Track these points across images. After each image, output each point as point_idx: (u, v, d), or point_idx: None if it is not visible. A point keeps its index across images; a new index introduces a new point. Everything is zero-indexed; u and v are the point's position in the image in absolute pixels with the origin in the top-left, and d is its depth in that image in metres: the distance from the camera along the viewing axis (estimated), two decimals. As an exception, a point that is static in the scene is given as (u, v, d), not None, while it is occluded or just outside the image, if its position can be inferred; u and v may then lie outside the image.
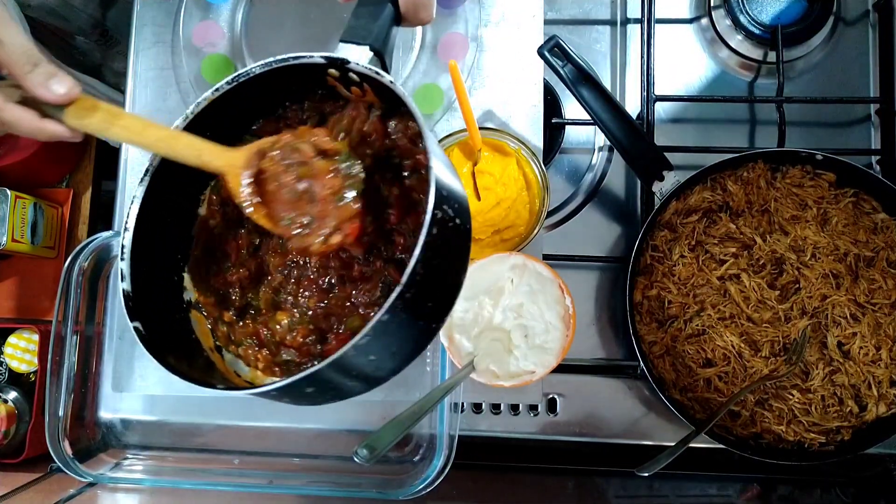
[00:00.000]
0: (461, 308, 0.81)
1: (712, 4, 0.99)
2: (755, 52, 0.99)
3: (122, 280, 0.57)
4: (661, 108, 0.98)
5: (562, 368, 0.81)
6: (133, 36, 1.02)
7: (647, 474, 0.74)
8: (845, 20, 0.99)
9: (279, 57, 0.60)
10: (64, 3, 1.08)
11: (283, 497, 0.89)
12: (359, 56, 0.59)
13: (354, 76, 0.58)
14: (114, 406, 0.95)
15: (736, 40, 0.99)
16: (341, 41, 0.61)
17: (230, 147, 0.60)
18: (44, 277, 1.09)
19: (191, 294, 0.64)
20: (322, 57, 0.58)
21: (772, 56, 0.97)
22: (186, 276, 0.65)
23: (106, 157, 1.30)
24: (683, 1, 1.03)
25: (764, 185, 0.88)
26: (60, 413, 0.88)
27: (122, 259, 0.58)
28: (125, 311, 0.57)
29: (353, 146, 0.61)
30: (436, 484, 0.81)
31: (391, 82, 0.55)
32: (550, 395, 0.92)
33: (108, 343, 0.95)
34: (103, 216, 1.07)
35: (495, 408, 0.92)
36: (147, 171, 0.60)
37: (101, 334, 0.95)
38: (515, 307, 0.81)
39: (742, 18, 0.97)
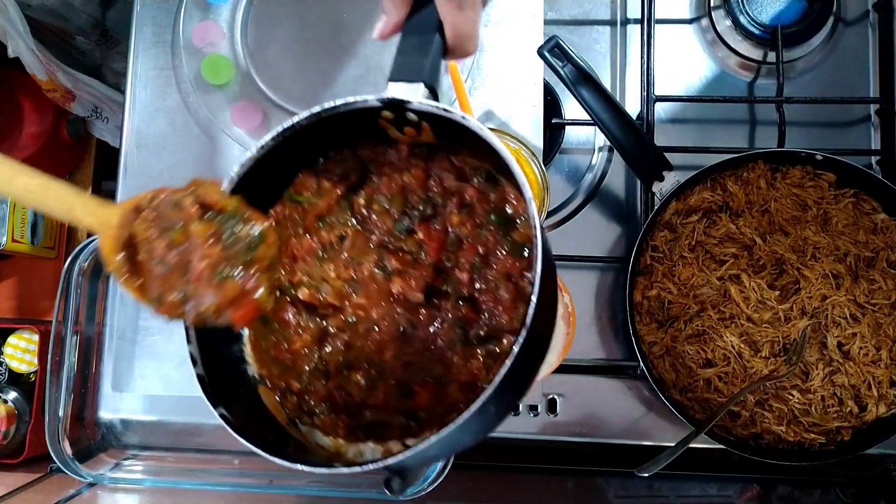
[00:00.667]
0: None
1: (712, 5, 0.99)
2: (755, 53, 0.99)
3: (194, 365, 0.55)
4: (660, 109, 0.98)
5: (562, 368, 0.81)
6: (133, 36, 1.02)
7: (647, 474, 0.74)
8: (845, 20, 0.99)
9: (327, 105, 0.56)
10: (64, 3, 1.08)
11: (283, 497, 0.89)
12: (413, 94, 0.56)
13: (413, 116, 0.56)
14: (114, 406, 0.95)
15: (736, 40, 0.99)
16: (391, 80, 0.58)
17: (106, 202, 0.55)
18: (44, 277, 1.09)
19: (254, 369, 0.62)
20: (378, 100, 0.55)
21: (771, 56, 0.97)
22: (247, 349, 0.62)
23: (106, 157, 1.30)
24: (683, 1, 1.03)
25: (764, 185, 0.88)
26: (60, 413, 0.88)
27: (189, 342, 0.55)
28: (204, 397, 0.54)
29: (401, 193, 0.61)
30: (436, 484, 0.81)
31: (463, 118, 0.53)
32: (550, 396, 0.92)
33: (108, 343, 0.95)
34: (103, 216, 1.07)
35: (495, 408, 0.92)
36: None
37: (101, 334, 0.95)
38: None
39: (742, 19, 0.97)
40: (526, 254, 0.58)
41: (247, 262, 0.51)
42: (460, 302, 0.59)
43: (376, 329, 0.61)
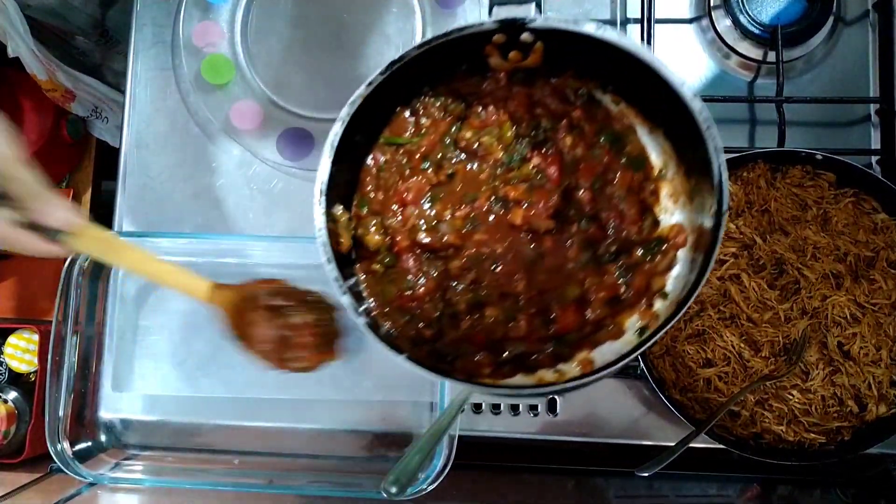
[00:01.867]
0: None
1: (712, 4, 0.99)
2: (755, 52, 0.99)
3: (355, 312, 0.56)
4: (661, 108, 0.98)
5: (562, 368, 0.81)
6: (133, 36, 1.02)
7: (647, 474, 0.74)
8: (845, 20, 0.99)
9: (438, 34, 0.55)
10: (64, 3, 1.08)
11: (283, 497, 0.89)
12: (524, 14, 0.55)
13: (528, 37, 0.55)
14: (114, 406, 0.95)
15: (735, 40, 0.99)
16: (496, 4, 0.56)
17: (221, 285, 0.69)
18: (44, 277, 1.09)
19: (383, 322, 0.61)
20: (495, 22, 0.54)
21: (771, 56, 0.97)
22: (372, 304, 0.61)
23: (106, 157, 1.31)
24: (683, 1, 1.03)
25: (764, 185, 0.88)
26: (60, 413, 0.88)
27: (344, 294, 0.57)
28: (390, 351, 0.54)
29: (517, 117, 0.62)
30: (436, 484, 0.81)
31: (598, 27, 0.53)
32: (550, 395, 0.92)
33: (108, 343, 0.95)
34: (103, 216, 1.07)
35: (495, 408, 0.92)
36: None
37: (101, 334, 0.95)
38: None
39: (742, 18, 0.97)
40: (641, 167, 0.60)
41: (328, 337, 0.70)
42: (585, 222, 0.60)
43: (503, 262, 0.61)
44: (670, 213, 0.60)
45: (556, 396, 0.92)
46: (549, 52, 0.58)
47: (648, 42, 0.95)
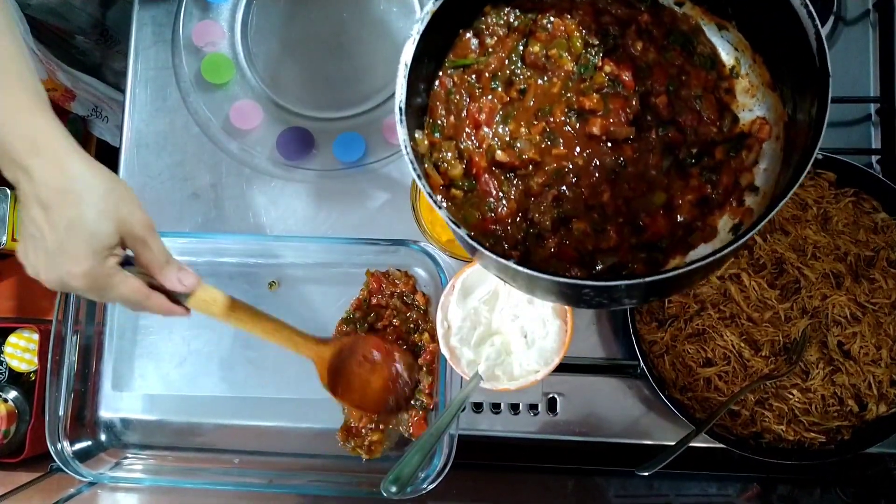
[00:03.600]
0: (459, 318, 0.81)
1: (712, 4, 0.99)
2: (755, 52, 0.98)
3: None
4: (661, 108, 0.98)
5: (562, 368, 0.81)
6: (133, 35, 1.02)
7: (646, 474, 0.74)
8: (845, 19, 0.99)
9: None
10: (64, 2, 1.08)
11: (283, 497, 0.89)
12: None
13: None
14: (114, 406, 0.95)
15: (736, 40, 0.99)
16: None
17: (320, 340, 0.81)
18: (44, 277, 1.08)
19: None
20: None
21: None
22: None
23: (106, 157, 1.30)
24: (683, 0, 1.03)
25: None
26: (60, 413, 0.88)
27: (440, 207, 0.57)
28: (490, 253, 0.54)
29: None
30: (436, 483, 0.81)
31: None
32: (550, 395, 0.92)
33: (108, 343, 0.95)
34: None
35: (495, 407, 0.92)
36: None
37: (101, 334, 0.95)
38: (511, 310, 0.81)
39: (742, 18, 0.97)
40: (714, 66, 0.61)
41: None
42: (663, 127, 0.60)
43: (584, 174, 0.61)
44: (749, 109, 0.61)
45: (556, 396, 0.92)
46: None
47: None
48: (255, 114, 0.97)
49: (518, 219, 0.61)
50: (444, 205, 0.57)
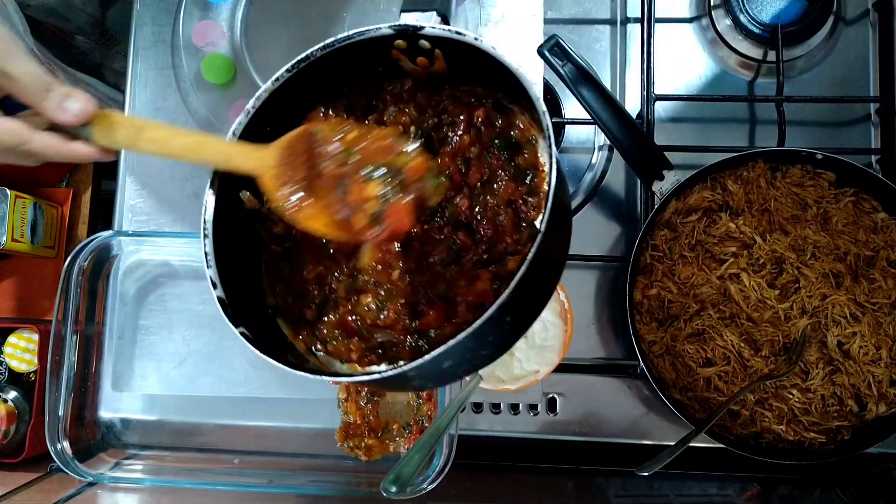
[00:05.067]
0: None
1: (712, 4, 0.99)
2: (755, 52, 0.99)
3: (214, 288, 0.55)
4: (660, 108, 0.98)
5: (562, 368, 0.81)
6: (133, 35, 1.02)
7: (647, 474, 0.74)
8: (845, 20, 0.99)
9: (340, 36, 0.57)
10: (64, 2, 1.08)
11: (282, 497, 0.89)
12: (426, 22, 0.57)
13: (426, 44, 0.56)
14: (114, 406, 0.95)
15: (736, 39, 0.99)
16: (403, 11, 0.58)
17: (259, 145, 0.58)
18: (44, 277, 1.08)
19: (270, 300, 0.63)
20: (391, 27, 0.56)
21: (772, 55, 0.97)
22: (264, 281, 0.63)
23: (106, 156, 1.30)
24: (683, 0, 1.03)
25: (764, 184, 0.88)
26: (60, 413, 0.88)
27: (208, 267, 0.56)
28: (225, 318, 0.54)
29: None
30: (436, 483, 0.81)
31: (476, 38, 0.53)
32: (550, 395, 0.92)
33: (108, 343, 0.95)
34: (103, 216, 1.07)
35: (495, 407, 0.92)
36: (214, 173, 0.59)
37: (101, 334, 0.95)
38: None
39: (742, 18, 0.97)
40: (528, 180, 0.59)
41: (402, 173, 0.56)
42: (455, 228, 0.60)
43: (382, 251, 0.61)
44: None
45: (556, 396, 0.92)
46: (453, 60, 0.59)
47: (649, 41, 0.95)
48: (254, 114, 0.97)
49: (320, 282, 0.63)
50: (212, 266, 0.56)
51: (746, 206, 0.88)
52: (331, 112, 0.64)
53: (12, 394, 1.01)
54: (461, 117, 0.61)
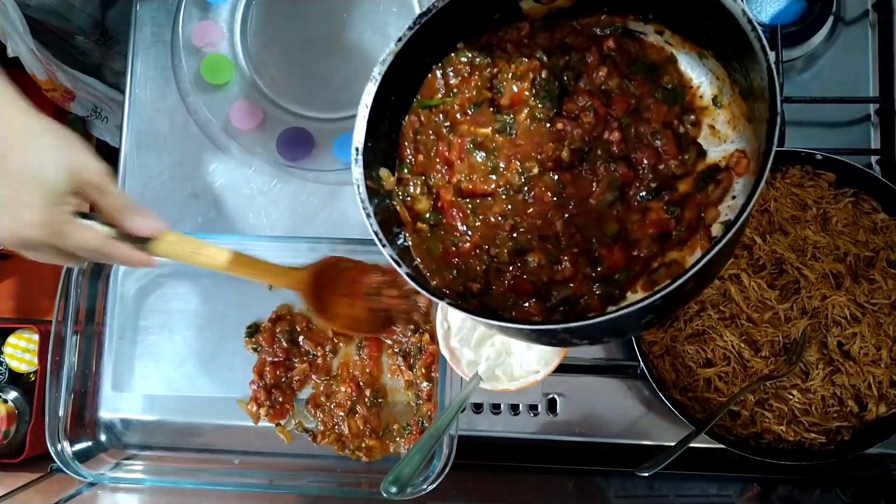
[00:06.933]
0: (459, 318, 0.81)
1: (712, 4, 0.99)
2: (755, 52, 0.98)
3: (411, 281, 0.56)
4: (660, 108, 0.98)
5: (562, 368, 0.81)
6: (132, 36, 1.02)
7: (647, 474, 0.74)
8: (845, 20, 0.99)
9: None
10: (64, 2, 1.08)
11: (283, 497, 0.89)
12: None
13: None
14: (114, 406, 0.95)
15: (736, 40, 0.99)
16: None
17: (297, 268, 0.79)
18: (44, 277, 1.09)
19: (433, 281, 0.62)
20: None
21: (771, 56, 0.97)
22: (419, 262, 0.62)
23: (106, 157, 1.30)
24: (683, 1, 1.03)
25: (763, 184, 0.88)
26: (60, 413, 0.89)
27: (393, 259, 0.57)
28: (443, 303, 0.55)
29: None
30: (436, 484, 0.81)
31: None
32: (550, 395, 0.92)
33: (108, 343, 0.95)
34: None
35: (495, 408, 0.92)
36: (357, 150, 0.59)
37: (101, 334, 0.95)
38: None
39: (742, 18, 0.97)
40: (680, 99, 0.59)
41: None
42: (613, 163, 0.59)
43: (536, 203, 0.60)
44: (730, 141, 0.58)
45: (556, 396, 0.92)
46: None
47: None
48: (254, 114, 0.97)
49: (478, 251, 0.61)
50: (387, 245, 0.57)
51: (746, 206, 0.88)
52: (450, 73, 0.64)
53: (12, 394, 1.02)
54: (591, 51, 0.60)
